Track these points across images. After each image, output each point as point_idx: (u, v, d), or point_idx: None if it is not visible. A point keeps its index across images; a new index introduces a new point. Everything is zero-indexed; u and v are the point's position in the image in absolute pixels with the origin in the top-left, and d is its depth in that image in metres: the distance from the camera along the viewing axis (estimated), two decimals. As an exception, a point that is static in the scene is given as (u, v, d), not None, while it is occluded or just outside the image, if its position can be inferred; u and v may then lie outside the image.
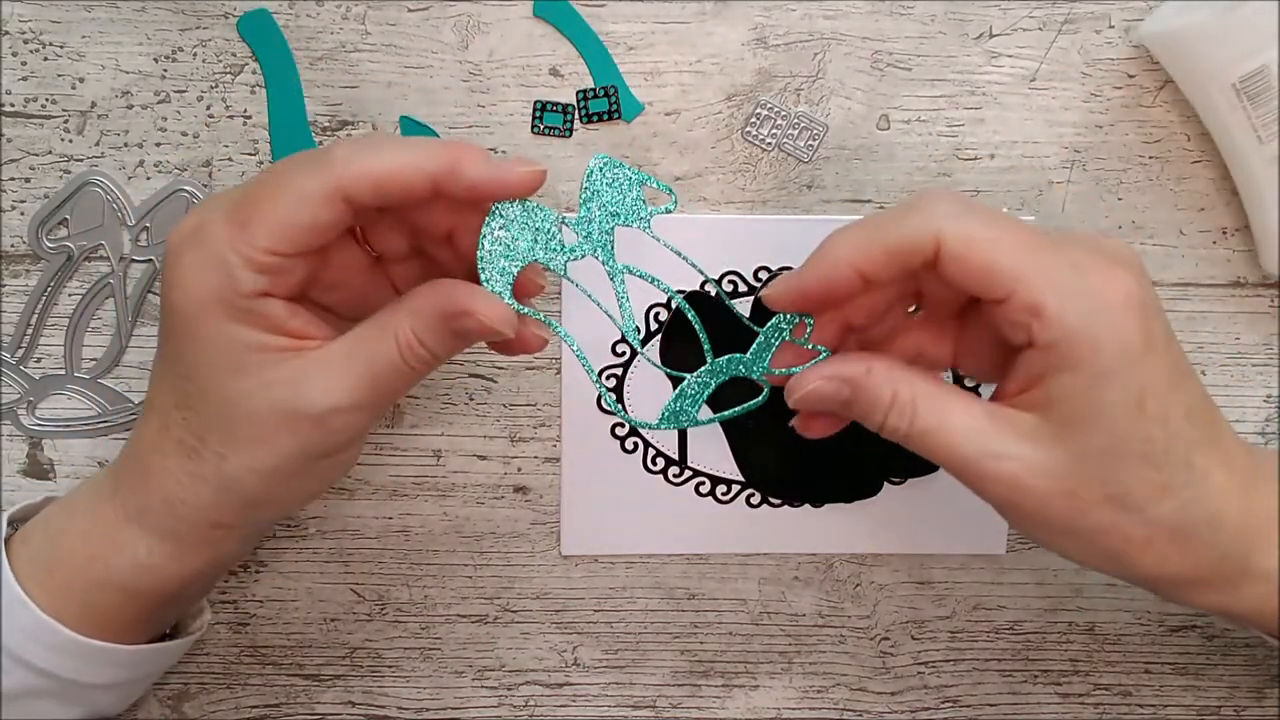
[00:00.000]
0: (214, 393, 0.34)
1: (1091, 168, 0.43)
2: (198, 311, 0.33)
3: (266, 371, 0.34)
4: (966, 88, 0.42)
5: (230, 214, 0.33)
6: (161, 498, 0.36)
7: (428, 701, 0.47)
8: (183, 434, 0.35)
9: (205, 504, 0.35)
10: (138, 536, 0.36)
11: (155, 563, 0.36)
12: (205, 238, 0.33)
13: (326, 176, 0.32)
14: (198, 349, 0.34)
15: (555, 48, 0.42)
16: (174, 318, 0.34)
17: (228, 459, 0.35)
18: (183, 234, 0.34)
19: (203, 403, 0.34)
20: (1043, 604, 0.47)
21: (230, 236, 0.33)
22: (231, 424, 0.34)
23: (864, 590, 0.46)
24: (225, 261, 0.33)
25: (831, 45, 0.42)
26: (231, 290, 0.33)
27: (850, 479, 0.45)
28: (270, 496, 0.36)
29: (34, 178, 0.42)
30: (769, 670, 0.47)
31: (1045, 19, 0.42)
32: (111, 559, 0.37)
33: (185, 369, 0.34)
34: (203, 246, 0.33)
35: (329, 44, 0.42)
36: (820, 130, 0.43)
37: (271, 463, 0.34)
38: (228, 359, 0.34)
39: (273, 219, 0.33)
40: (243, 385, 0.34)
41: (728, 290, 0.43)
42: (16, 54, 0.41)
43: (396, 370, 0.34)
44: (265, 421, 0.34)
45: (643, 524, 0.45)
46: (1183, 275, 0.44)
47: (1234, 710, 0.48)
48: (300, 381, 0.34)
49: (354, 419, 0.35)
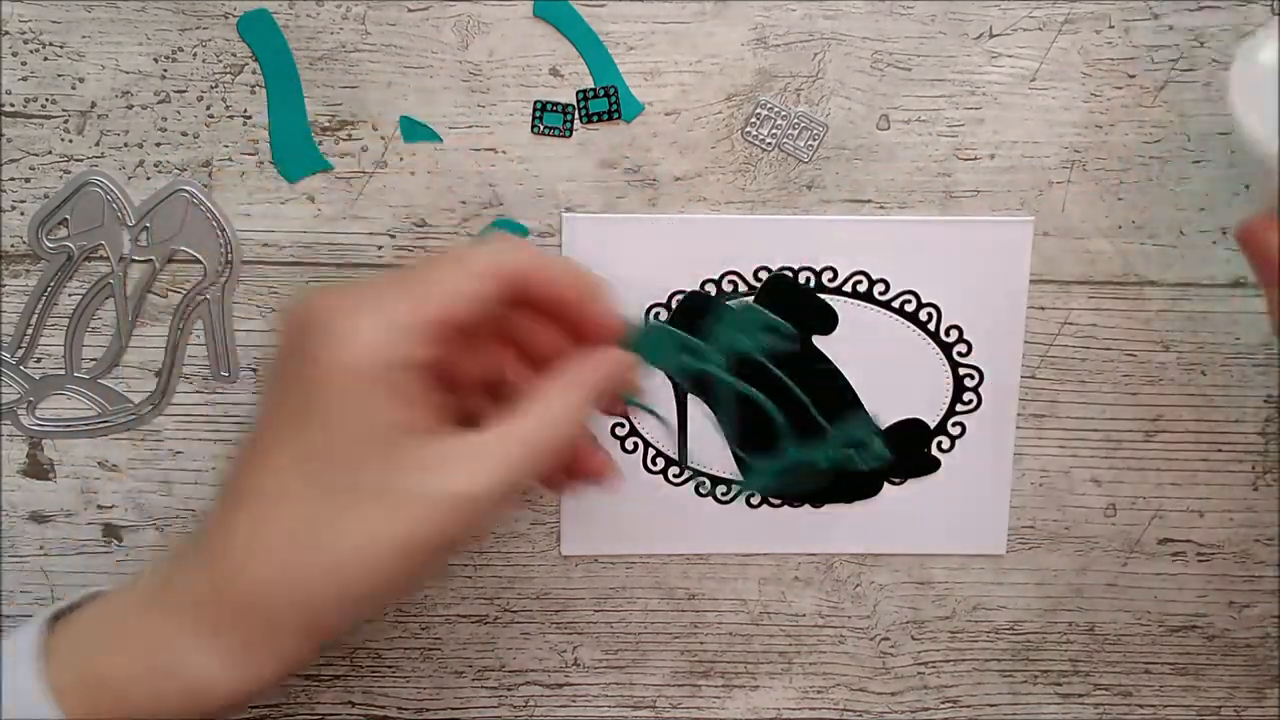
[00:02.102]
0: (348, 472, 0.32)
1: (1091, 168, 0.43)
2: (355, 379, 0.32)
3: (407, 453, 0.33)
4: (966, 88, 0.42)
5: (401, 285, 0.34)
6: (249, 597, 0.32)
7: (428, 701, 0.47)
8: (293, 522, 0.32)
9: (302, 601, 0.32)
10: (218, 647, 0.33)
11: (234, 674, 0.33)
12: (378, 306, 0.33)
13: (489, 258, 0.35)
14: (344, 421, 0.32)
15: (555, 48, 0.42)
16: (327, 384, 0.32)
17: (346, 547, 0.32)
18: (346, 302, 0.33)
19: (331, 483, 0.32)
20: (1043, 604, 0.47)
21: (404, 305, 0.33)
22: (359, 507, 0.32)
23: (864, 590, 0.46)
24: (393, 331, 0.32)
25: (831, 45, 0.42)
26: (396, 358, 0.32)
27: (850, 479, 0.45)
28: (380, 593, 0.33)
29: (34, 178, 0.42)
30: (769, 670, 0.47)
31: (1045, 19, 0.42)
32: (182, 674, 0.33)
33: (322, 443, 0.32)
34: (375, 314, 0.33)
35: (329, 44, 0.42)
36: (820, 130, 0.43)
37: (392, 553, 0.32)
38: (372, 435, 0.32)
39: (447, 288, 0.34)
40: (380, 465, 0.32)
41: (727, 290, 0.43)
42: (16, 54, 0.41)
43: (552, 448, 0.34)
44: (395, 507, 0.32)
45: (643, 524, 0.45)
46: (1183, 275, 0.44)
47: (1234, 710, 0.48)
48: (441, 464, 0.33)
49: (495, 508, 0.33)
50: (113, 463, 0.44)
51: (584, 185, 0.43)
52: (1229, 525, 0.46)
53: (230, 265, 0.43)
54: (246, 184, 0.42)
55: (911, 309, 0.44)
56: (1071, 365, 0.45)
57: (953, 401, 0.45)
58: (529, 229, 0.43)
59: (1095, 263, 0.44)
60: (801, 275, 0.43)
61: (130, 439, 0.44)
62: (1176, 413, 0.45)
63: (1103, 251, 0.44)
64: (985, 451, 0.45)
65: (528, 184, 0.43)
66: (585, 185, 0.43)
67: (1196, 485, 0.46)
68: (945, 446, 0.45)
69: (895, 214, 0.43)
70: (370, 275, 0.43)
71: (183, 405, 0.44)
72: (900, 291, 0.44)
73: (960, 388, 0.44)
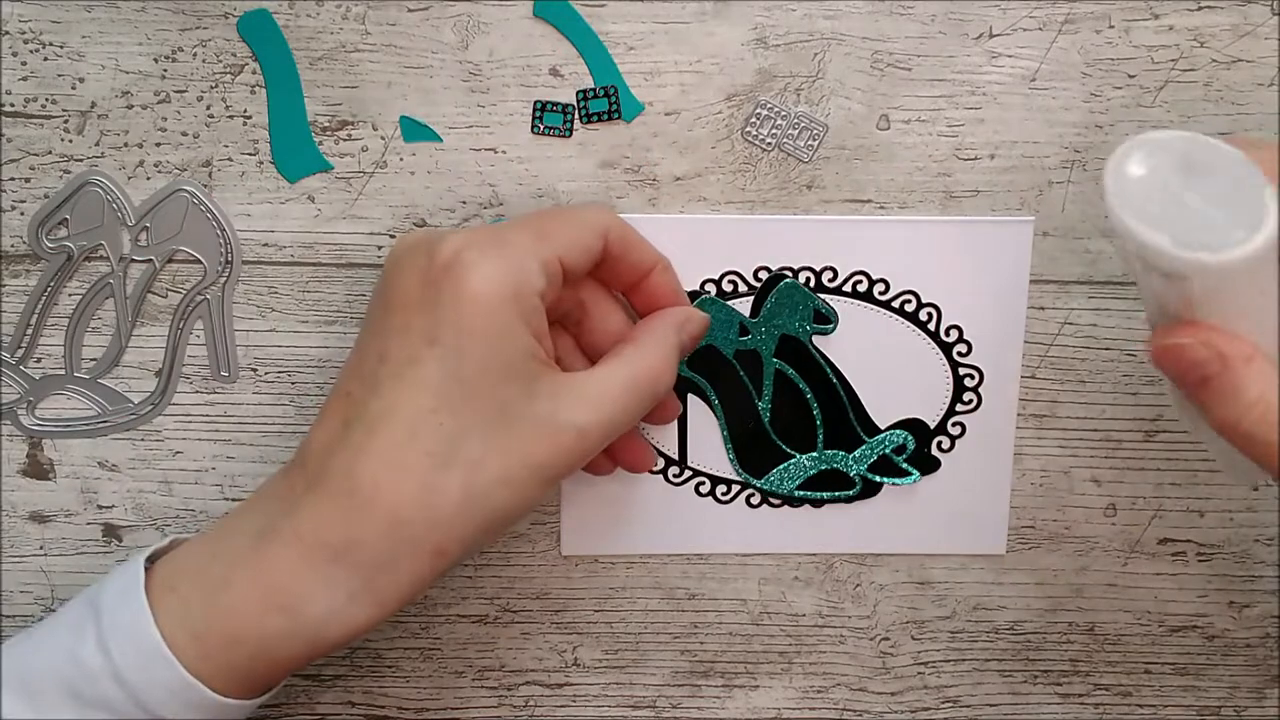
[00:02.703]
0: (487, 395, 0.34)
1: (1091, 168, 0.43)
2: (499, 305, 0.34)
3: (537, 382, 0.35)
4: (966, 88, 0.42)
5: (525, 227, 0.36)
6: (386, 521, 0.33)
7: (428, 701, 0.47)
8: (435, 443, 0.33)
9: (439, 520, 0.34)
10: (340, 579, 0.34)
11: (355, 608, 0.34)
12: (509, 240, 0.35)
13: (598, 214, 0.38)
14: (486, 345, 0.34)
15: (555, 48, 0.42)
16: (471, 308, 0.34)
17: (484, 468, 0.34)
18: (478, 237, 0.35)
19: (470, 406, 0.34)
20: (1043, 604, 0.47)
21: (532, 243, 0.35)
22: (497, 430, 0.34)
23: (864, 590, 0.46)
24: (527, 263, 0.35)
25: (831, 45, 0.42)
26: (530, 289, 0.35)
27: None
28: (507, 515, 0.35)
29: (34, 178, 0.42)
30: (769, 670, 0.47)
31: (1045, 19, 0.42)
32: (303, 610, 0.34)
33: (462, 367, 0.34)
34: (507, 246, 0.35)
35: (329, 44, 0.42)
36: (820, 130, 0.43)
37: (525, 475, 0.34)
38: (510, 361, 0.34)
39: (565, 235, 0.36)
40: (516, 390, 0.34)
41: (728, 290, 0.43)
42: (16, 54, 0.41)
43: (653, 391, 0.37)
44: (530, 432, 0.34)
45: (643, 524, 0.45)
46: (1183, 275, 0.44)
47: (1234, 710, 0.48)
48: (565, 395, 0.35)
49: (604, 438, 0.36)
50: (113, 463, 0.44)
51: (584, 185, 0.43)
52: (1229, 525, 0.46)
53: (230, 265, 0.43)
54: (246, 184, 0.42)
55: (911, 309, 0.44)
56: (1071, 365, 0.45)
57: (953, 401, 0.45)
58: (529, 229, 0.43)
59: (1095, 263, 0.44)
60: (801, 275, 0.43)
61: (130, 439, 0.44)
62: (1176, 412, 0.45)
63: (1103, 251, 0.44)
64: (985, 451, 0.45)
65: (528, 184, 0.43)
66: (585, 185, 0.43)
67: (1196, 485, 0.46)
68: (945, 446, 0.45)
69: (895, 214, 0.43)
70: (371, 275, 0.43)
71: (183, 405, 0.44)
72: (900, 291, 0.44)
73: (960, 388, 0.44)
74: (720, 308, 0.43)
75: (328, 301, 0.43)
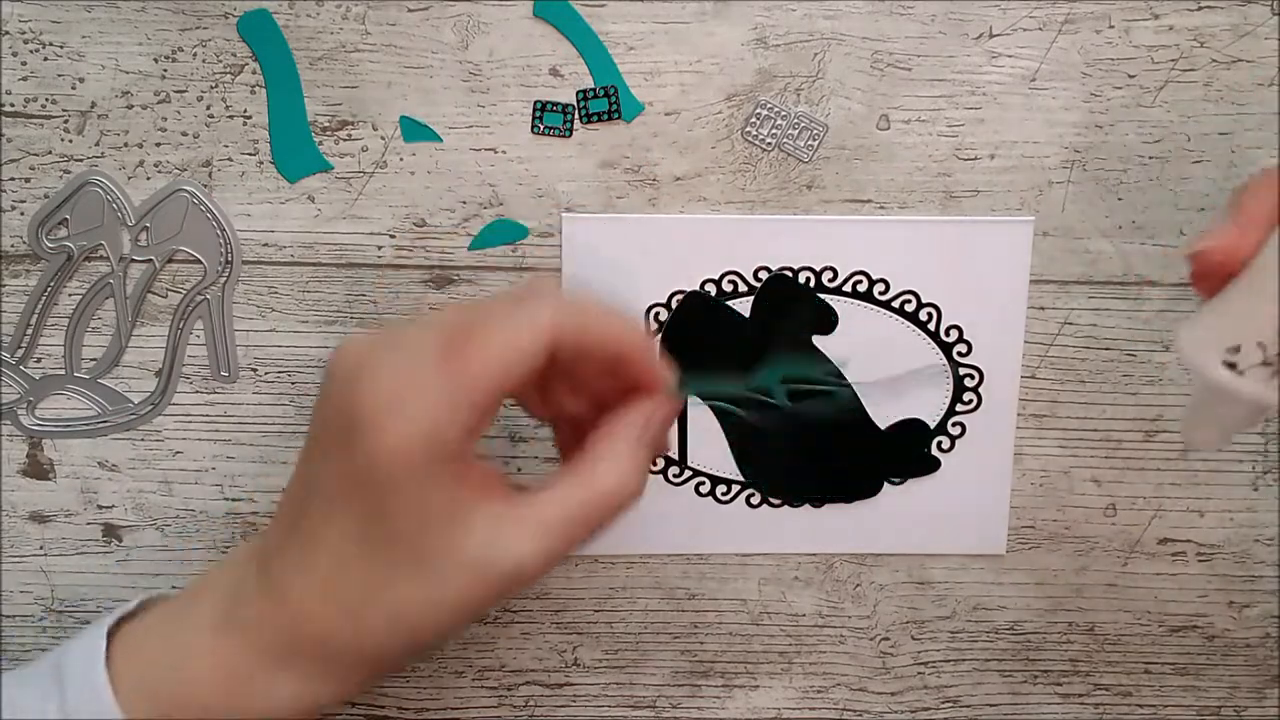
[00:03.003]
0: (409, 543, 0.33)
1: (1091, 168, 0.43)
2: (412, 465, 0.32)
3: (471, 517, 0.33)
4: (966, 88, 0.42)
5: (449, 358, 0.32)
6: (315, 639, 0.34)
7: (428, 701, 0.47)
8: (361, 578, 0.33)
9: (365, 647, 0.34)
10: (285, 678, 0.34)
11: (295, 708, 0.35)
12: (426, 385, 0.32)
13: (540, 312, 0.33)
14: (402, 500, 0.32)
15: (555, 48, 0.42)
16: (385, 469, 0.32)
17: (411, 606, 0.33)
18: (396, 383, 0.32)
19: (394, 551, 0.33)
20: (1043, 604, 0.47)
21: (451, 383, 0.32)
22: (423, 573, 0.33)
23: (864, 590, 0.46)
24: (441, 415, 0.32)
25: (831, 45, 0.42)
26: (448, 437, 0.32)
27: (850, 479, 0.45)
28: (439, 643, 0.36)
29: (34, 178, 0.42)
30: (769, 670, 0.47)
31: (1045, 19, 0.42)
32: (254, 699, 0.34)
33: (384, 520, 0.33)
34: (425, 394, 0.32)
35: (329, 44, 0.42)
36: (820, 130, 0.43)
37: (452, 617, 0.33)
38: (430, 510, 0.32)
39: (496, 357, 0.32)
40: (440, 537, 0.33)
41: (728, 290, 0.43)
42: (16, 54, 0.41)
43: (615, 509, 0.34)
44: (458, 577, 0.33)
45: (643, 524, 0.45)
46: (1183, 275, 0.44)
47: (1234, 710, 0.48)
48: (504, 525, 0.33)
49: (550, 565, 0.34)
50: (113, 463, 0.44)
51: (584, 185, 0.43)
52: (1229, 525, 0.46)
53: (230, 265, 0.43)
54: (246, 184, 0.42)
55: (911, 309, 0.44)
56: (1071, 365, 0.45)
57: (953, 401, 0.45)
58: (529, 229, 0.43)
59: (1095, 263, 0.44)
60: (801, 275, 0.43)
61: (130, 439, 0.44)
62: (1176, 413, 0.45)
63: (1103, 251, 0.44)
64: (985, 451, 0.45)
65: (528, 184, 0.43)
66: (585, 185, 0.43)
67: (1196, 485, 0.46)
68: (945, 446, 0.45)
69: (895, 214, 0.43)
70: (370, 275, 0.43)
71: (183, 405, 0.44)
72: (900, 291, 0.44)
73: (960, 388, 0.44)
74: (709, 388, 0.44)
75: (328, 301, 0.43)
